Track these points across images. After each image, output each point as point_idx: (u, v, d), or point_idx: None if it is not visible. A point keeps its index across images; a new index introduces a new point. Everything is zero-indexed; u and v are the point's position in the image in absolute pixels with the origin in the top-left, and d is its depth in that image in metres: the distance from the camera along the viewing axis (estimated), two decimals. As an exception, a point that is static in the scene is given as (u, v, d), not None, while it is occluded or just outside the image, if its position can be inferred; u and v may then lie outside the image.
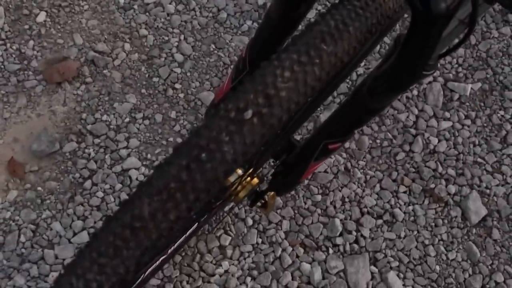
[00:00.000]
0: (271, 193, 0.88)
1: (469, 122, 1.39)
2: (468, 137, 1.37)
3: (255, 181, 0.86)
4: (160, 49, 1.41)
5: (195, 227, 1.08)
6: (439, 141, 1.36)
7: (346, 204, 1.27)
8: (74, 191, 1.22)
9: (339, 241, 1.23)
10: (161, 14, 1.45)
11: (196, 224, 1.08)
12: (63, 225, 1.18)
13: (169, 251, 1.05)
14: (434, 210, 1.28)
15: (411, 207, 1.28)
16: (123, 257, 0.47)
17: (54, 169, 1.24)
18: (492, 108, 1.42)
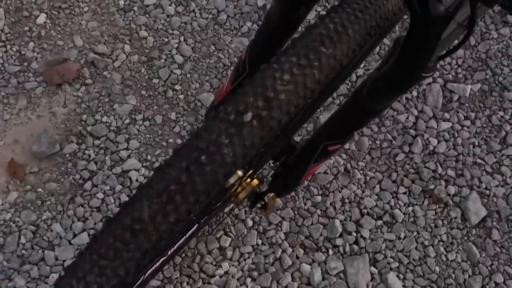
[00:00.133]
0: (271, 194, 0.88)
1: (468, 123, 1.39)
2: (467, 138, 1.37)
3: (255, 183, 0.86)
4: (160, 51, 1.41)
5: (195, 228, 1.09)
6: (439, 142, 1.36)
7: (346, 205, 1.27)
8: (74, 193, 1.22)
9: (339, 242, 1.23)
10: (161, 15, 1.46)
11: (196, 225, 1.08)
12: (63, 226, 1.19)
13: (169, 253, 1.05)
14: (433, 211, 1.29)
15: (410, 208, 1.28)
16: (123, 259, 0.47)
17: (54, 170, 1.24)
18: (491, 109, 1.42)
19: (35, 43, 1.38)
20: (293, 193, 1.27)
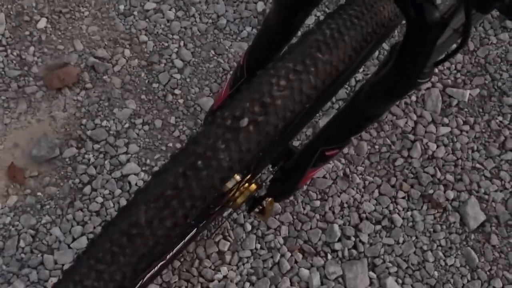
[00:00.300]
0: (269, 199, 0.88)
1: (467, 128, 1.40)
2: (466, 142, 1.38)
3: (253, 187, 0.86)
4: (160, 55, 1.42)
5: (194, 232, 1.09)
6: (438, 146, 1.36)
7: (344, 209, 1.27)
8: (73, 197, 1.22)
9: (337, 246, 1.23)
10: (161, 20, 1.46)
11: (195, 229, 1.08)
12: (62, 230, 1.19)
13: (168, 257, 1.05)
14: (432, 215, 1.29)
15: (409, 213, 1.28)
16: (120, 263, 0.47)
17: (54, 174, 1.25)
18: (490, 114, 1.42)
19: (35, 47, 1.39)
20: (292, 198, 1.27)
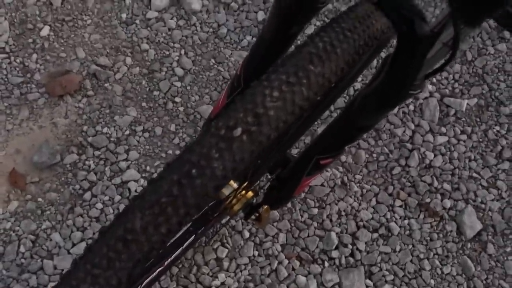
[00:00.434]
0: (265, 206, 0.89)
1: (465, 137, 1.41)
2: (463, 152, 1.39)
3: (250, 195, 0.87)
4: (161, 63, 1.44)
5: (192, 239, 1.10)
6: (435, 156, 1.37)
7: (342, 217, 1.28)
8: (74, 203, 1.24)
9: (334, 254, 1.24)
10: (163, 29, 1.48)
11: (193, 236, 1.09)
12: (62, 236, 1.20)
13: (166, 263, 1.06)
14: (429, 224, 1.30)
15: (406, 221, 1.29)
16: (116, 268, 0.49)
17: (54, 180, 1.26)
18: (487, 123, 1.43)
19: (38, 55, 1.41)
20: (290, 206, 1.28)
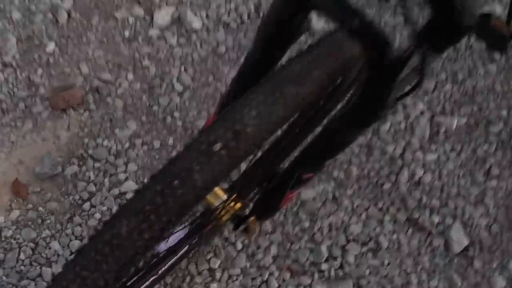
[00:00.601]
0: (252, 218, 0.93)
1: (454, 154, 1.45)
2: (453, 169, 1.43)
3: (237, 206, 0.92)
4: (161, 79, 1.49)
5: (186, 249, 1.14)
6: (425, 172, 1.41)
7: (332, 231, 1.32)
8: (73, 212, 1.28)
9: (324, 266, 1.27)
10: (164, 46, 1.54)
11: (187, 246, 1.13)
12: (61, 244, 1.25)
13: (160, 272, 1.10)
14: (417, 239, 1.33)
15: (395, 236, 1.33)
16: (103, 271, 0.53)
17: (55, 190, 1.31)
18: (477, 142, 1.47)
19: (43, 70, 1.46)
20: (282, 219, 1.32)
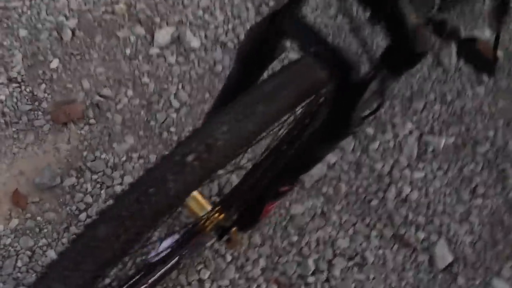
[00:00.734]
0: (234, 229, 0.98)
1: (441, 173, 1.49)
2: (439, 187, 1.46)
3: (221, 217, 0.96)
4: (159, 96, 1.55)
5: (176, 260, 1.18)
6: (412, 190, 1.45)
7: (320, 245, 1.36)
8: (69, 222, 1.33)
9: (311, 279, 1.31)
10: (163, 64, 1.60)
11: (177, 257, 1.18)
12: (57, 252, 1.29)
13: (150, 281, 1.15)
14: (403, 254, 1.36)
15: (381, 251, 1.36)
16: (82, 270, 0.58)
17: (53, 201, 1.36)
18: (463, 161, 1.51)
19: (47, 85, 1.53)
20: (271, 232, 1.36)
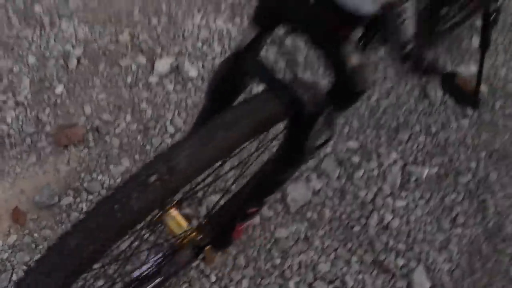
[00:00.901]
0: (208, 247, 1.04)
1: (423, 202, 1.54)
2: (420, 215, 1.51)
3: (197, 236, 1.03)
4: (156, 122, 1.64)
5: (160, 280, 1.24)
6: (393, 217, 1.50)
7: (302, 268, 1.41)
8: (64, 239, 1.41)
9: (291, 301, 1.36)
10: (161, 92, 1.70)
11: (161, 277, 1.24)
12: (51, 268, 1.36)
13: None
14: (382, 280, 1.41)
15: (361, 276, 1.41)
16: (54, 276, 0.65)
17: (50, 219, 1.44)
18: (445, 191, 1.56)
19: (51, 109, 1.63)
20: (256, 255, 1.42)
